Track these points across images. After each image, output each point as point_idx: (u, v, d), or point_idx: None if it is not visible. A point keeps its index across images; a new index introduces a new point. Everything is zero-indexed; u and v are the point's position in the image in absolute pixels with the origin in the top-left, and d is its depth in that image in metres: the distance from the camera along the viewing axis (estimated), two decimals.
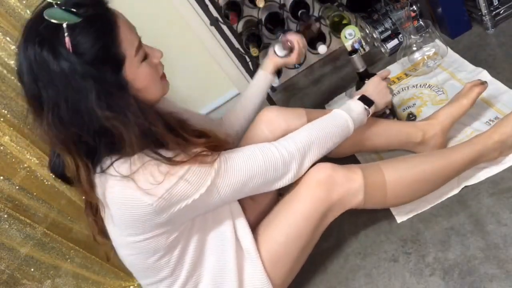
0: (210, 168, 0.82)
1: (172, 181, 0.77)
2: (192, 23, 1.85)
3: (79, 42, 0.72)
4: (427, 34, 1.47)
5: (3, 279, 1.22)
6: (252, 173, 0.88)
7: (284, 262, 0.99)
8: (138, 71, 0.79)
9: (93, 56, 0.73)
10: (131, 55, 0.78)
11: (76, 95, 0.73)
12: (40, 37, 0.72)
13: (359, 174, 0.98)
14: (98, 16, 0.75)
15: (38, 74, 0.73)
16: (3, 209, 1.22)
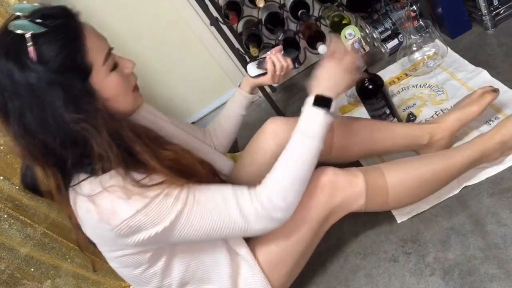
0: (172, 207, 0.79)
1: (129, 213, 0.76)
2: (192, 23, 1.85)
3: (44, 51, 0.72)
4: (427, 34, 1.47)
5: (3, 279, 1.22)
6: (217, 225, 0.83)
7: (284, 265, 0.99)
8: (106, 80, 0.79)
9: (58, 64, 0.73)
10: (99, 64, 0.78)
11: (43, 103, 0.73)
12: (6, 48, 0.73)
13: (360, 178, 0.98)
14: (63, 26, 0.76)
15: (3, 84, 0.73)
16: (3, 209, 1.22)
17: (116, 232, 0.77)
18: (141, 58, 1.91)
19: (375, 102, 1.24)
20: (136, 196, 0.76)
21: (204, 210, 0.82)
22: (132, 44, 1.87)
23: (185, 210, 0.80)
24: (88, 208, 0.77)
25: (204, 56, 1.97)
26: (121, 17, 1.81)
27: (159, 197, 0.78)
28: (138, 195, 0.76)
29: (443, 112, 1.33)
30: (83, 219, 0.80)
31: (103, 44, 0.81)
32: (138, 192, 0.76)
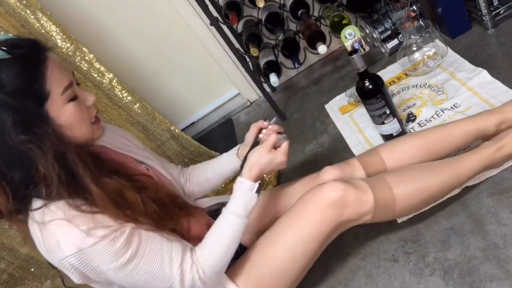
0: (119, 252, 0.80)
1: (72, 250, 0.77)
2: (192, 23, 1.85)
3: (1, 75, 0.76)
4: (427, 34, 1.47)
5: (3, 279, 1.22)
6: (157, 279, 0.84)
7: (288, 277, 0.98)
8: (62, 109, 0.82)
9: (14, 88, 0.76)
10: (57, 93, 0.81)
11: None
12: None
13: (370, 195, 0.96)
14: (27, 56, 0.79)
15: None
16: None
17: (63, 264, 0.79)
18: (141, 58, 1.91)
19: (375, 102, 1.24)
20: (82, 234, 0.77)
21: (148, 265, 0.83)
22: (132, 44, 1.87)
23: (134, 260, 0.82)
24: (38, 237, 0.80)
25: (204, 56, 1.97)
26: (121, 17, 1.81)
27: (107, 239, 0.79)
28: (84, 232, 0.77)
29: (443, 112, 1.33)
30: (36, 244, 0.83)
31: (64, 77, 0.83)
32: (85, 230, 0.77)
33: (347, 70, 1.84)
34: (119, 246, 0.80)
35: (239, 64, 1.78)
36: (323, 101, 1.75)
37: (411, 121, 1.38)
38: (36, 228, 0.80)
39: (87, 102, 0.88)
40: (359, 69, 1.22)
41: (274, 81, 1.67)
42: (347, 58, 1.88)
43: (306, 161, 1.22)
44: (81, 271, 0.80)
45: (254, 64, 1.85)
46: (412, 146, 1.12)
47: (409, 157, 1.11)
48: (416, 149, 1.11)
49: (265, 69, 1.73)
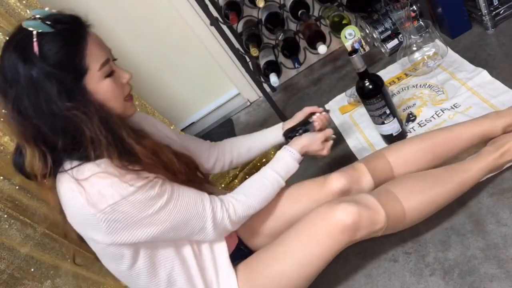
0: (156, 199, 0.85)
1: (115, 199, 0.80)
2: (192, 23, 1.85)
3: (46, 48, 0.80)
4: (427, 34, 1.46)
5: (3, 279, 1.22)
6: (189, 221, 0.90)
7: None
8: (99, 84, 0.85)
9: (56, 61, 0.80)
10: (94, 68, 0.84)
11: (39, 92, 0.80)
12: (15, 42, 0.82)
13: (382, 214, 0.95)
14: (68, 30, 0.84)
15: (7, 72, 0.81)
16: (3, 209, 1.22)
17: (99, 217, 0.80)
18: (141, 58, 1.91)
19: (375, 102, 1.24)
20: (124, 184, 0.81)
21: (186, 205, 0.90)
22: (132, 44, 1.87)
23: (170, 203, 0.87)
24: (75, 192, 0.81)
25: (204, 56, 1.97)
26: (121, 17, 1.81)
27: (145, 188, 0.84)
28: (125, 183, 0.81)
29: (443, 112, 1.33)
30: (68, 204, 0.83)
31: (102, 53, 0.87)
32: (126, 180, 0.82)
33: (347, 70, 1.84)
34: (155, 192, 0.85)
35: (239, 64, 1.78)
36: (323, 101, 1.75)
37: (411, 121, 1.38)
38: (72, 186, 0.81)
39: (122, 79, 0.91)
40: (359, 69, 1.22)
41: (274, 81, 1.67)
42: (347, 58, 1.88)
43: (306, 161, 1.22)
44: (115, 225, 0.82)
45: (254, 64, 1.85)
46: (419, 149, 1.12)
47: (416, 160, 1.11)
48: (423, 152, 1.11)
49: (265, 69, 1.73)
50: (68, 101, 0.81)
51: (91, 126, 0.82)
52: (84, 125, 0.82)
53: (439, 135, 1.13)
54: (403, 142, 1.16)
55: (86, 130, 0.82)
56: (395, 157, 1.12)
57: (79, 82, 0.83)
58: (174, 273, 0.93)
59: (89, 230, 0.84)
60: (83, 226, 0.86)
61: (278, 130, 1.24)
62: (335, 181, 1.08)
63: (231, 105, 2.15)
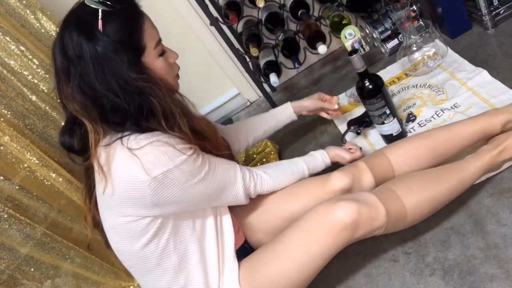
0: (201, 167, 0.91)
1: (169, 166, 0.85)
2: (192, 23, 1.85)
3: (109, 26, 0.84)
4: (427, 34, 1.47)
5: (3, 279, 1.22)
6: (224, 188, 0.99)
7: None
8: (154, 62, 0.91)
9: (118, 38, 0.85)
10: (151, 47, 0.90)
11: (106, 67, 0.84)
12: (77, 19, 0.86)
13: (382, 213, 0.95)
14: (128, 10, 0.89)
15: (69, 48, 0.84)
16: (3, 209, 1.22)
17: (149, 184, 0.83)
18: None
19: (375, 102, 1.24)
20: (177, 153, 0.86)
21: (221, 174, 0.97)
22: None
23: (210, 172, 0.94)
24: (128, 160, 0.84)
25: (204, 56, 1.97)
26: None
27: (193, 157, 0.89)
28: (179, 151, 0.87)
29: (443, 112, 1.33)
30: (117, 173, 0.85)
31: (155, 33, 0.93)
32: (178, 149, 0.87)
33: (347, 70, 1.84)
34: (200, 162, 0.91)
35: (239, 64, 1.78)
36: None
37: (411, 121, 1.38)
38: (127, 154, 0.84)
39: (170, 59, 0.99)
40: (359, 69, 1.22)
41: (274, 81, 1.67)
42: (347, 58, 1.88)
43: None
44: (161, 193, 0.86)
45: (254, 64, 1.85)
46: (419, 147, 1.12)
47: (416, 158, 1.11)
48: (423, 150, 1.11)
49: (265, 69, 1.72)
50: (136, 73, 0.85)
51: (163, 97, 0.88)
52: (155, 97, 0.87)
53: (439, 133, 1.13)
54: (404, 141, 1.16)
55: (158, 102, 0.87)
56: (396, 155, 1.13)
57: (139, 58, 0.88)
58: (186, 258, 0.96)
59: (129, 200, 0.87)
60: (124, 197, 0.87)
61: (288, 110, 1.38)
62: (336, 179, 1.08)
63: (231, 105, 2.15)
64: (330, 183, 1.08)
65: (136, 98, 0.86)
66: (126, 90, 0.85)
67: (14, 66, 1.34)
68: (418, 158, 1.11)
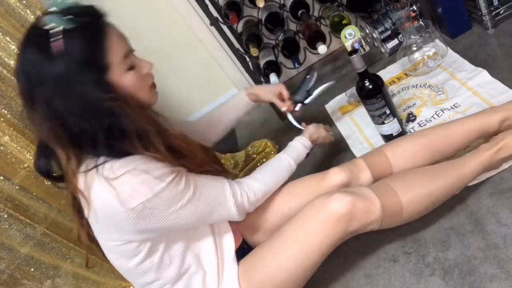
0: (184, 192, 0.87)
1: (148, 196, 0.81)
2: (192, 23, 1.85)
3: (70, 45, 0.78)
4: (427, 34, 1.47)
5: (3, 279, 1.22)
6: (214, 209, 0.94)
7: (290, 286, 0.98)
8: (122, 78, 0.85)
9: (81, 57, 0.79)
10: (117, 62, 0.84)
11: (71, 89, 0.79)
12: (36, 40, 0.80)
13: (377, 205, 0.95)
14: (90, 25, 0.83)
15: (30, 73, 0.79)
16: (3, 209, 1.22)
17: (129, 215, 0.81)
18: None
19: (375, 102, 1.24)
20: (156, 180, 0.82)
21: (209, 195, 0.92)
22: (132, 44, 1.86)
23: (196, 194, 0.89)
24: (106, 191, 0.80)
25: (204, 56, 1.97)
26: (121, 17, 1.80)
27: (174, 182, 0.85)
28: (157, 179, 0.82)
29: (443, 112, 1.33)
30: (98, 202, 0.82)
31: (122, 45, 0.87)
32: (157, 176, 0.82)
33: (347, 70, 1.84)
34: (183, 186, 0.86)
35: (239, 64, 1.78)
36: (323, 101, 1.74)
37: (411, 121, 1.38)
38: (103, 185, 0.80)
39: (143, 70, 0.91)
40: (359, 69, 1.22)
41: (274, 81, 1.67)
42: (347, 58, 1.88)
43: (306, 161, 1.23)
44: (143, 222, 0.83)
45: (254, 64, 1.85)
46: (418, 145, 1.12)
47: (414, 156, 1.11)
48: (421, 148, 1.12)
49: (265, 69, 1.72)
50: (103, 92, 0.80)
51: (134, 116, 0.82)
52: (126, 117, 0.81)
53: (438, 131, 1.13)
54: (402, 139, 1.17)
55: (129, 122, 0.82)
56: (394, 153, 1.13)
57: (105, 76, 0.82)
58: (184, 268, 0.95)
59: (113, 227, 0.85)
60: (107, 225, 0.85)
61: (244, 99, 1.32)
62: (334, 175, 1.09)
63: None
64: (327, 179, 1.09)
65: (105, 119, 0.81)
66: (94, 112, 0.80)
67: (14, 66, 1.34)
68: (416, 156, 1.11)
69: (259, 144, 1.68)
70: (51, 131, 0.81)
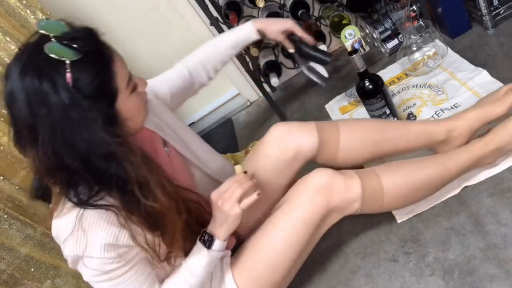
0: (101, 272, 0.82)
1: (71, 253, 0.83)
2: (192, 23, 1.85)
3: (80, 78, 0.74)
4: (427, 34, 1.47)
5: (3, 279, 1.22)
6: None
7: (281, 267, 0.99)
8: (127, 102, 0.81)
9: (91, 91, 0.75)
10: (123, 87, 0.80)
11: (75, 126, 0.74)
12: (40, 69, 0.73)
13: (357, 181, 0.99)
14: (97, 53, 0.78)
15: (35, 106, 0.73)
16: (3, 209, 1.22)
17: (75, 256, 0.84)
18: (140, 58, 1.91)
19: (375, 102, 1.24)
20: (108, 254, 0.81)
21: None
22: (132, 44, 1.87)
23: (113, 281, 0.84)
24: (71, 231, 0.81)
25: None
26: (121, 17, 1.81)
27: (109, 260, 0.82)
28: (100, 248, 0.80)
29: (443, 112, 1.33)
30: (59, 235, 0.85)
31: (126, 68, 0.83)
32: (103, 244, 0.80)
33: (347, 70, 1.84)
34: (112, 268, 0.82)
35: (239, 64, 1.78)
36: (323, 101, 1.74)
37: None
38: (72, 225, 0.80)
39: (140, 88, 0.87)
40: (359, 69, 1.22)
41: (274, 81, 1.67)
42: (347, 58, 1.88)
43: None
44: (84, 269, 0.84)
45: (254, 64, 1.85)
46: (371, 124, 1.15)
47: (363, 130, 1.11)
48: (373, 126, 1.13)
49: (265, 69, 1.73)
50: (111, 137, 0.75)
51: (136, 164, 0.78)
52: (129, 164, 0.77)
53: (392, 123, 1.17)
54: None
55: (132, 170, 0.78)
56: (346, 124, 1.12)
57: (112, 106, 0.78)
58: None
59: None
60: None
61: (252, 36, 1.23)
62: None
63: (231, 105, 2.15)
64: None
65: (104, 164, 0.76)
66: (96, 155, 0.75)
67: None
68: (366, 131, 1.11)
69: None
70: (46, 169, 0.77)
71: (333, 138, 1.08)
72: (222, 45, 1.26)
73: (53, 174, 0.78)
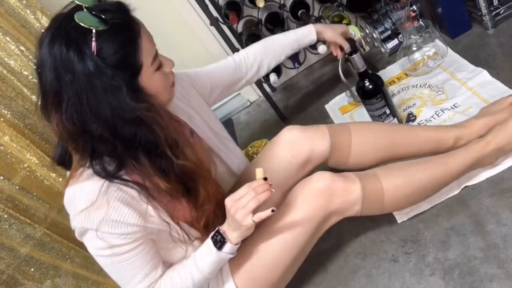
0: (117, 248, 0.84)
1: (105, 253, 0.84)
2: (192, 23, 1.85)
3: (104, 48, 0.76)
4: (427, 34, 1.47)
5: (3, 279, 1.22)
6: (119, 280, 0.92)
7: (280, 267, 0.99)
8: (151, 79, 0.83)
9: (115, 61, 0.77)
10: (148, 64, 0.82)
11: (99, 93, 0.76)
12: (68, 37, 0.75)
13: (357, 184, 0.99)
14: (124, 26, 0.80)
15: (62, 72, 0.75)
16: (3, 209, 1.22)
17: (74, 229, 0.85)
18: None
19: (375, 102, 1.24)
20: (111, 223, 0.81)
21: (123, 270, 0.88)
22: None
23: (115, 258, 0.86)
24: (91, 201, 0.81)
25: (204, 56, 1.97)
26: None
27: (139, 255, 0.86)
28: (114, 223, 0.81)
29: (443, 112, 1.33)
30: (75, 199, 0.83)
31: (152, 45, 0.85)
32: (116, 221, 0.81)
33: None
34: (119, 243, 0.83)
35: None
36: (323, 101, 1.75)
37: (411, 121, 1.38)
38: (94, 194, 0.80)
39: (166, 69, 0.89)
40: (359, 69, 1.22)
41: (274, 81, 1.67)
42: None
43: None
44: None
45: None
46: (382, 128, 1.15)
47: (375, 135, 1.12)
48: (384, 131, 1.13)
49: None
50: (137, 102, 0.78)
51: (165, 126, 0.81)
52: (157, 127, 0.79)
53: (402, 128, 1.17)
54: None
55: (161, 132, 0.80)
56: (357, 126, 1.14)
57: (136, 80, 0.80)
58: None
59: None
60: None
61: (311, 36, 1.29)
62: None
63: (231, 105, 2.15)
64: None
65: (132, 129, 0.78)
66: (123, 120, 0.78)
67: (14, 66, 1.35)
68: (377, 137, 1.12)
69: (259, 144, 1.67)
70: (70, 134, 0.79)
71: (345, 142, 1.07)
72: (281, 43, 1.30)
73: (76, 139, 0.79)
